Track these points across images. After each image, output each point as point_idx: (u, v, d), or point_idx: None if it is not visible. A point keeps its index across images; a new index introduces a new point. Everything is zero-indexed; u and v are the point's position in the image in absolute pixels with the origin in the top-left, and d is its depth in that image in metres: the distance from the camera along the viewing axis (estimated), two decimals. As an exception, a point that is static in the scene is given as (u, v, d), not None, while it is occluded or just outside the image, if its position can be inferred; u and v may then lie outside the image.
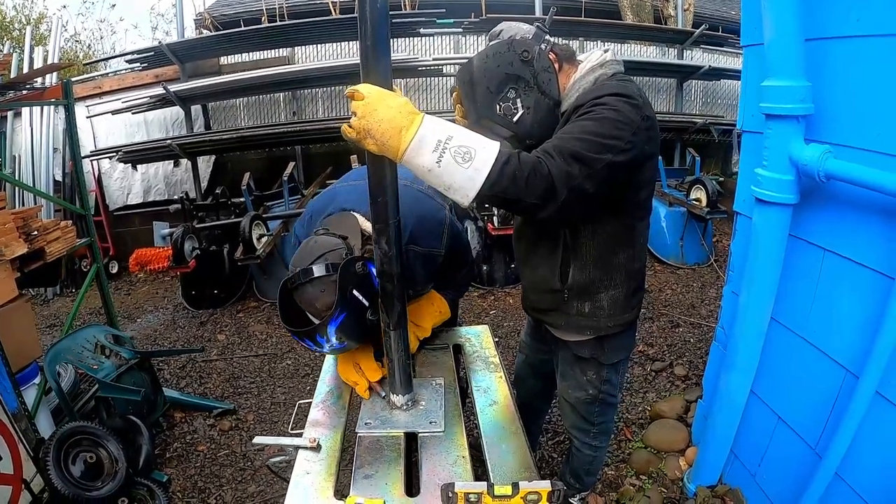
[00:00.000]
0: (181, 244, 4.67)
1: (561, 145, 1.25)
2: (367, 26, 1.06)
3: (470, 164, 1.12)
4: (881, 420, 1.57)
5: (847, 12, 1.58)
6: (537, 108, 1.45)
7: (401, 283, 1.34)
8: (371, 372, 1.58)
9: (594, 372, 1.74)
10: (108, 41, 12.99)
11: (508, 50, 1.43)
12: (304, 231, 1.68)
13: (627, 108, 1.31)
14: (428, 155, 1.10)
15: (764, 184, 1.77)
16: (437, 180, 1.14)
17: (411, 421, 1.46)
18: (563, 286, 1.59)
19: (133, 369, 2.93)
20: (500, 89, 1.43)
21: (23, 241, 2.62)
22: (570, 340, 1.73)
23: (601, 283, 1.58)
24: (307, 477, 1.28)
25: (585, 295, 1.60)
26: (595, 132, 1.26)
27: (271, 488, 2.67)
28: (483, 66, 1.44)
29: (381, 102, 1.08)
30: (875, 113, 1.54)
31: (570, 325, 1.66)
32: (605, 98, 1.32)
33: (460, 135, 1.14)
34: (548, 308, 1.68)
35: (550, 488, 1.08)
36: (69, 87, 3.17)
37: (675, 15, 7.40)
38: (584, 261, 1.55)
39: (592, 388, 1.77)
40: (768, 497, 2.05)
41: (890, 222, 1.50)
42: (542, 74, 1.44)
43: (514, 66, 1.42)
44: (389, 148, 1.09)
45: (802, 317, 1.86)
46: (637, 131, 1.31)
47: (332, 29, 6.00)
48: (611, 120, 1.28)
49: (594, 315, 1.61)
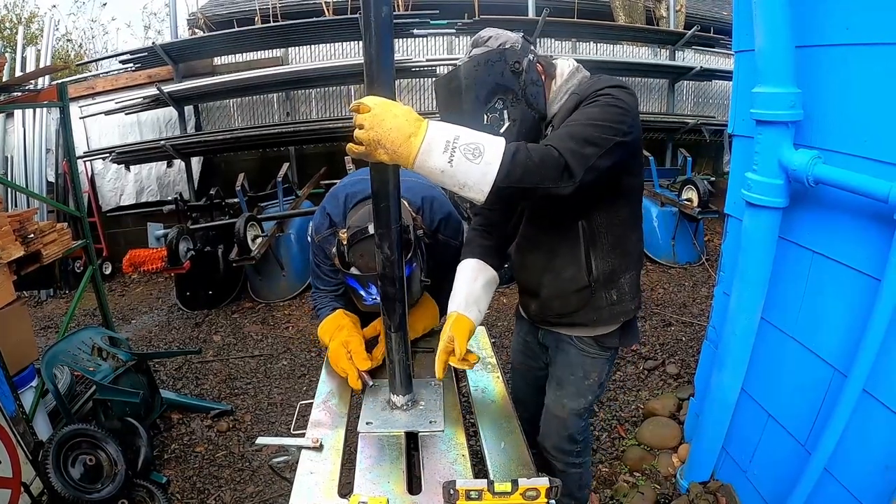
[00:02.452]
0: (176, 245, 4.67)
1: (571, 131, 1.30)
2: (371, 36, 1.09)
3: (481, 158, 1.14)
4: (868, 417, 1.62)
5: (837, 21, 1.62)
6: (523, 120, 1.46)
7: (402, 287, 1.38)
8: (360, 360, 1.66)
9: (596, 371, 1.74)
10: (99, 41, 12.91)
11: (500, 60, 1.42)
12: (338, 210, 1.80)
13: (625, 96, 1.38)
14: (439, 156, 1.13)
15: (754, 187, 1.81)
16: (452, 180, 1.16)
17: (411, 421, 1.49)
18: (590, 279, 1.58)
19: (130, 371, 2.94)
20: (488, 99, 1.42)
21: (19, 243, 2.62)
22: (594, 335, 1.70)
23: (620, 267, 1.61)
24: (311, 477, 1.31)
25: (610, 283, 1.61)
26: (602, 118, 1.33)
27: (270, 488, 2.69)
28: (474, 74, 1.42)
29: (387, 112, 1.10)
30: (863, 119, 1.59)
31: (601, 318, 1.65)
32: (605, 89, 1.38)
33: (466, 133, 1.16)
34: (575, 309, 1.64)
35: (549, 485, 1.11)
36: (64, 90, 3.17)
37: (667, 16, 7.46)
38: (603, 249, 1.57)
39: (591, 395, 1.76)
40: (759, 493, 2.09)
41: (876, 226, 1.55)
42: (531, 87, 1.46)
43: (504, 77, 1.42)
44: (401, 155, 1.12)
45: (792, 317, 1.91)
46: (635, 117, 1.39)
47: (325, 29, 6.01)
48: (614, 107, 1.35)
49: (621, 300, 1.63)
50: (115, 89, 6.26)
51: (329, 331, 1.78)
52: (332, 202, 1.84)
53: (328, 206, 1.84)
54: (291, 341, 4.29)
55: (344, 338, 1.71)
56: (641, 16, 7.41)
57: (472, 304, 1.60)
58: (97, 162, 6.08)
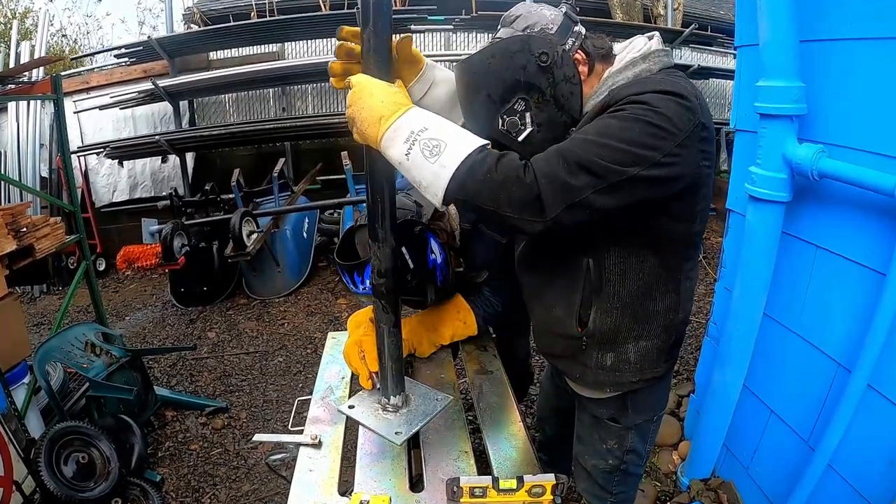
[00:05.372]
0: (170, 241, 4.63)
1: (567, 148, 0.99)
2: (369, 15, 1.05)
3: (437, 158, 0.96)
4: (872, 413, 1.60)
5: (841, 15, 1.60)
6: (551, 126, 1.14)
7: (397, 284, 1.30)
8: (372, 361, 1.51)
9: (615, 440, 1.42)
10: (94, 36, 12.82)
11: (522, 49, 1.10)
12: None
13: (675, 110, 0.99)
14: (399, 146, 0.99)
15: (758, 182, 1.80)
16: (408, 174, 1.01)
17: (381, 423, 1.37)
18: (583, 332, 1.26)
19: (124, 368, 2.90)
20: (505, 98, 1.12)
21: (12, 238, 2.59)
22: (585, 397, 1.44)
23: (630, 332, 1.25)
24: (310, 474, 1.28)
25: (609, 345, 1.27)
26: (620, 136, 0.97)
27: (265, 486, 2.66)
28: (486, 67, 1.13)
29: (364, 91, 1.03)
30: (867, 113, 1.57)
31: (586, 379, 1.35)
32: (645, 95, 1.01)
33: (438, 127, 0.99)
34: (561, 355, 1.38)
35: (555, 481, 1.09)
36: (58, 82, 3.13)
37: (665, 14, 7.44)
38: (610, 304, 1.22)
39: (613, 458, 1.44)
40: (761, 490, 2.08)
41: (881, 220, 1.54)
42: (563, 85, 1.12)
43: (527, 72, 1.10)
44: (368, 137, 1.03)
45: (795, 312, 1.89)
46: (686, 142, 0.99)
47: (321, 24, 5.97)
48: (648, 123, 0.98)
49: (617, 369, 1.29)
50: (110, 84, 6.21)
51: (351, 325, 1.67)
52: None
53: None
54: (287, 338, 4.26)
55: (359, 336, 1.58)
56: (639, 14, 7.39)
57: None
58: (91, 157, 6.03)
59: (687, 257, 1.22)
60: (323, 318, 4.56)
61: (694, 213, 1.14)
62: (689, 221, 1.15)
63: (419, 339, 1.70)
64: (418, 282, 1.49)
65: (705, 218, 1.18)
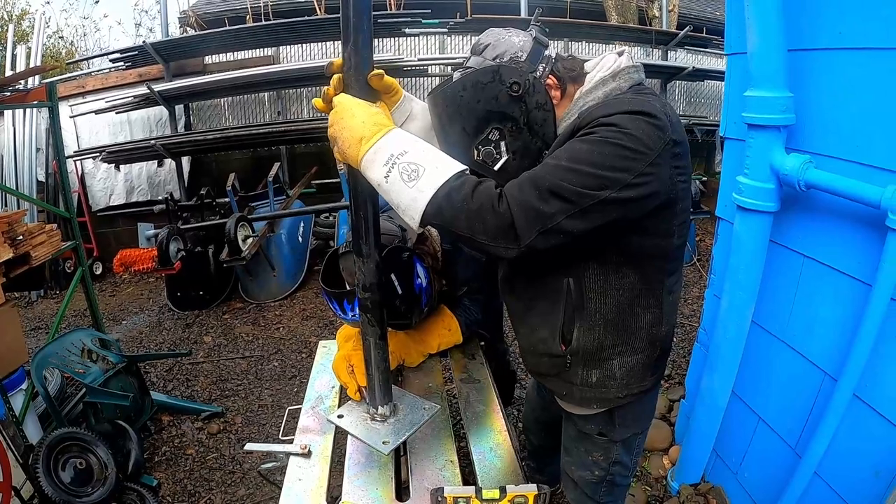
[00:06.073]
0: (166, 245, 4.66)
1: (539, 175, 1.00)
2: (350, 33, 1.06)
3: (415, 183, 0.98)
4: (858, 422, 1.62)
5: (830, 25, 1.62)
6: (526, 153, 1.16)
7: (382, 298, 1.34)
8: (361, 376, 1.55)
9: (602, 453, 1.43)
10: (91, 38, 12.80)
11: (493, 80, 1.12)
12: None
13: (645, 129, 0.99)
14: (378, 168, 1.01)
15: (745, 191, 1.81)
16: (387, 196, 1.03)
17: (370, 433, 1.44)
18: (566, 350, 1.27)
19: (120, 373, 2.92)
20: (479, 129, 1.15)
21: (8, 245, 2.60)
22: (572, 413, 1.44)
23: (614, 348, 1.26)
24: (300, 483, 1.30)
25: (593, 362, 1.27)
26: (590, 161, 0.98)
27: (261, 491, 2.68)
28: (458, 100, 1.15)
29: (346, 111, 1.05)
30: (855, 124, 1.59)
31: (572, 396, 1.35)
32: (615, 117, 1.01)
33: (418, 151, 1.01)
34: (546, 373, 1.38)
35: (537, 492, 1.11)
36: (53, 90, 3.13)
37: (660, 16, 7.47)
38: (592, 321, 1.23)
39: (599, 470, 1.46)
40: (750, 495, 2.10)
41: (868, 231, 1.55)
42: (536, 113, 1.15)
43: (499, 102, 1.13)
44: (349, 158, 1.05)
45: (782, 321, 1.91)
46: (658, 160, 1.00)
47: (317, 28, 5.98)
48: (617, 145, 0.98)
49: (603, 385, 1.30)
50: (106, 88, 6.20)
51: (340, 339, 1.73)
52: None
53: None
54: (282, 342, 4.28)
55: (348, 351, 1.62)
56: (634, 16, 7.42)
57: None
58: (87, 161, 6.03)
59: (668, 272, 1.22)
60: (318, 322, 4.57)
61: (671, 227, 1.14)
62: (667, 237, 1.15)
63: (407, 350, 1.73)
64: (406, 306, 1.53)
65: (685, 231, 1.19)
